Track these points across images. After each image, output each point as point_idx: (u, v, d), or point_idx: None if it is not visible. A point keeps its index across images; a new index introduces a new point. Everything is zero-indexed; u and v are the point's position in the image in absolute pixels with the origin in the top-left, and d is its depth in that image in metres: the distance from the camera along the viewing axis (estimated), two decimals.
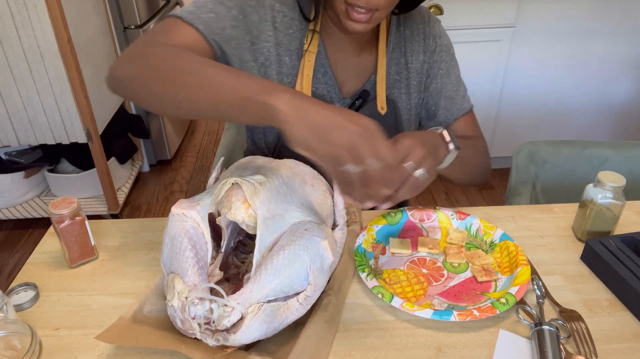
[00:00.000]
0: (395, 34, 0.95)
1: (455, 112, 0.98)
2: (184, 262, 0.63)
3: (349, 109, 0.62)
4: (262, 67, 0.89)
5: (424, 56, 0.96)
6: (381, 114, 0.94)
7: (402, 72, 0.96)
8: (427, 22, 0.96)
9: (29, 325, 0.61)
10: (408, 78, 0.97)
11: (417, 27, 0.95)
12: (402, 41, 0.95)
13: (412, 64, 0.96)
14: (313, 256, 0.63)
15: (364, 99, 0.94)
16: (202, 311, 0.59)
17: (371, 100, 0.94)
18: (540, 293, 0.73)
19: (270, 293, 0.61)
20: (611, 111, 2.43)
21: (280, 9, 0.87)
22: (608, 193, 0.82)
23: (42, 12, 1.69)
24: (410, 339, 0.68)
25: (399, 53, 0.95)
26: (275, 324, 0.61)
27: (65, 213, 0.76)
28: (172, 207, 0.69)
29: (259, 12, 0.85)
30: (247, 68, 0.87)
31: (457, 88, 0.99)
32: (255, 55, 0.87)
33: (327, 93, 0.93)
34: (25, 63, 1.78)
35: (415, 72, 0.96)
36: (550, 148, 1.26)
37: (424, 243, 0.85)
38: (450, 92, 0.98)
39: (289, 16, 0.88)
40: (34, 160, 2.16)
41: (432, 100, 0.98)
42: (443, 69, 0.97)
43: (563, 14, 2.15)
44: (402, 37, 0.95)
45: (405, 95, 0.97)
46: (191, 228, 0.67)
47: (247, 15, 0.84)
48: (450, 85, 0.98)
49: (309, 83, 0.90)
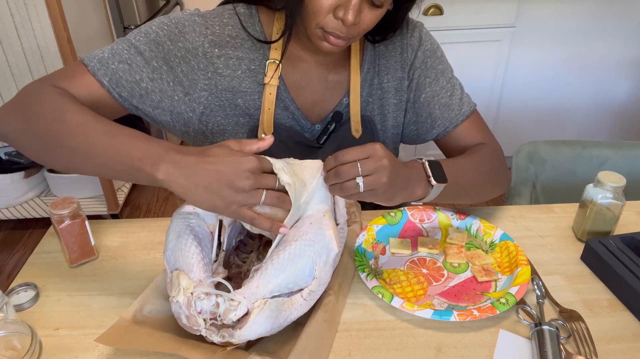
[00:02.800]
0: (371, 51, 0.89)
1: (454, 118, 0.91)
2: (189, 258, 0.63)
3: (213, 149, 0.61)
4: (203, 116, 0.83)
5: (402, 72, 0.90)
6: (355, 138, 0.89)
7: (376, 93, 0.90)
8: (404, 34, 0.89)
9: (29, 325, 0.61)
10: (382, 99, 0.90)
11: (393, 41, 0.89)
12: (375, 59, 0.89)
13: (387, 83, 0.90)
14: (319, 250, 0.64)
15: (337, 122, 0.88)
16: (209, 305, 0.59)
17: (344, 122, 0.89)
18: (540, 293, 0.73)
19: (276, 288, 0.61)
20: (611, 111, 2.43)
21: (220, 54, 0.80)
22: (608, 193, 0.82)
23: (42, 12, 1.69)
24: (410, 339, 0.68)
25: (373, 72, 0.89)
26: (280, 320, 0.62)
27: (65, 213, 0.76)
28: (185, 204, 0.69)
29: (190, 62, 0.79)
30: (184, 119, 0.83)
31: (452, 92, 0.91)
32: (192, 106, 0.81)
33: (294, 125, 0.88)
34: (25, 63, 1.78)
35: (393, 90, 0.90)
36: (550, 148, 1.26)
37: (424, 243, 0.85)
38: (444, 99, 0.90)
39: (234, 57, 0.81)
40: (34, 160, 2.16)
41: (425, 112, 0.91)
42: (431, 76, 0.90)
43: (563, 14, 2.15)
44: (376, 54, 0.89)
45: (379, 117, 0.91)
46: (196, 226, 0.67)
47: (174, 67, 0.78)
48: (442, 91, 0.90)
49: (270, 119, 0.85)
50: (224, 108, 0.84)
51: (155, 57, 0.77)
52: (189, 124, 0.84)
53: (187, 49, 0.78)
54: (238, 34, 0.82)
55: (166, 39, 0.78)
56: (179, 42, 0.78)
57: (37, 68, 1.79)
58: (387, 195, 0.67)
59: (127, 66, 0.75)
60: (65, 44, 1.75)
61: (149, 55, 0.77)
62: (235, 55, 0.82)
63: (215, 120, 0.84)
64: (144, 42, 0.77)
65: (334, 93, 0.89)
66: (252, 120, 0.85)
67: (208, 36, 0.80)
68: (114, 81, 0.75)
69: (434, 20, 2.09)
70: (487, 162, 0.88)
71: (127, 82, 0.76)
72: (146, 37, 0.77)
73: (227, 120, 0.85)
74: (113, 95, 0.76)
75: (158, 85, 0.78)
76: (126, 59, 0.76)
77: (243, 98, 0.84)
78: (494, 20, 2.14)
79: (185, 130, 0.85)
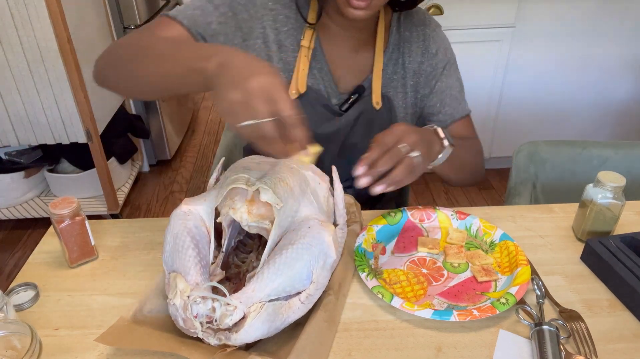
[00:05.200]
0: (395, 35, 0.97)
1: (460, 111, 1.01)
2: (186, 261, 0.63)
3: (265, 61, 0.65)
4: None
5: (422, 57, 0.98)
6: (376, 109, 0.96)
7: (399, 72, 0.98)
8: (427, 25, 0.98)
9: (29, 325, 0.61)
10: (404, 78, 0.99)
11: (417, 29, 0.97)
12: (400, 42, 0.97)
13: (409, 65, 0.98)
14: (317, 255, 0.64)
15: (360, 94, 0.96)
16: (205, 309, 0.59)
17: (367, 95, 0.96)
18: (540, 293, 0.73)
19: (273, 292, 0.61)
20: (611, 111, 2.43)
21: (273, 7, 0.90)
22: (608, 193, 0.82)
23: (42, 12, 1.69)
24: (410, 339, 0.68)
25: (398, 53, 0.97)
26: (277, 323, 0.61)
27: (65, 213, 0.76)
28: (182, 204, 0.69)
29: (249, 11, 0.89)
30: None
31: (460, 89, 1.02)
32: (247, 51, 0.89)
33: (324, 88, 0.95)
34: (25, 63, 1.78)
35: (412, 72, 0.99)
36: (550, 148, 1.26)
37: (424, 243, 0.85)
38: (455, 92, 1.01)
39: (283, 14, 0.91)
40: (34, 160, 2.16)
41: (437, 97, 1.00)
42: (448, 70, 0.99)
43: (563, 14, 2.15)
44: (401, 38, 0.97)
45: (401, 94, 0.99)
46: (194, 227, 0.67)
47: (237, 13, 0.88)
48: (454, 87, 1.01)
49: (304, 78, 0.92)
50: (271, 59, 0.92)
51: (222, 4, 0.87)
52: None
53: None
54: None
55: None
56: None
57: (37, 69, 1.79)
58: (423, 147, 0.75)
59: (200, 11, 0.86)
60: (65, 44, 1.75)
61: (218, 2, 0.87)
62: (284, 13, 0.91)
63: None
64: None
65: (361, 68, 0.97)
66: (289, 77, 0.93)
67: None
68: (192, 21, 0.85)
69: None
70: (476, 151, 1.02)
71: (201, 23, 0.86)
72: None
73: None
74: (192, 34, 0.85)
75: (223, 29, 0.87)
76: (199, 6, 0.86)
77: (286, 53, 0.93)
78: (494, 20, 2.14)
79: None
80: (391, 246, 0.86)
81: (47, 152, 2.19)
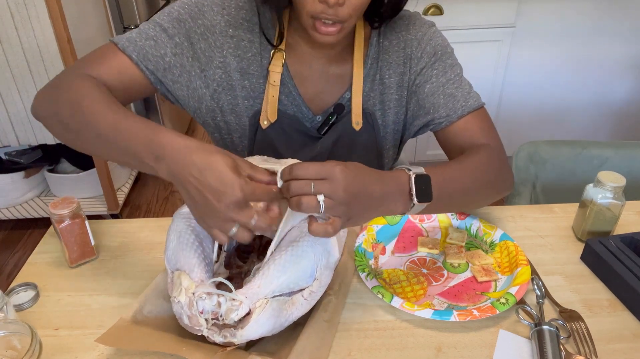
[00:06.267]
0: (375, 46, 0.89)
1: (459, 108, 0.86)
2: (190, 258, 0.64)
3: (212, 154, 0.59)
4: (215, 93, 0.87)
5: (404, 67, 0.89)
6: (356, 130, 0.90)
7: (377, 88, 0.91)
8: (408, 29, 0.89)
9: (29, 325, 0.61)
10: (383, 94, 0.91)
11: (397, 35, 0.89)
12: (380, 54, 0.89)
13: (388, 78, 0.90)
14: (320, 253, 0.64)
15: (338, 114, 0.90)
16: (210, 305, 0.59)
17: (345, 114, 0.90)
18: (540, 293, 0.73)
19: (277, 288, 0.61)
20: (611, 111, 2.43)
21: (234, 34, 0.84)
22: (608, 193, 0.82)
23: (42, 12, 1.69)
24: (410, 339, 0.68)
25: (376, 68, 0.90)
26: (281, 319, 0.62)
27: (65, 213, 0.76)
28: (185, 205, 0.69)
29: (208, 39, 0.83)
30: (198, 95, 0.86)
31: (459, 85, 0.88)
32: (207, 82, 0.86)
33: (295, 113, 0.90)
34: (25, 63, 1.78)
35: (395, 86, 0.90)
36: (550, 148, 1.26)
37: (424, 243, 0.85)
38: (451, 89, 0.87)
39: (245, 39, 0.85)
40: (34, 160, 2.16)
41: (429, 101, 0.88)
42: (438, 69, 0.88)
43: (563, 14, 2.15)
44: (380, 49, 0.89)
45: (380, 112, 0.92)
46: (197, 226, 0.67)
47: (194, 43, 0.83)
48: (449, 82, 0.88)
49: (274, 104, 0.87)
50: (234, 88, 0.87)
51: (177, 34, 0.82)
52: (202, 100, 0.88)
53: (205, 26, 0.83)
54: (251, 18, 0.86)
55: (187, 17, 0.82)
56: (199, 20, 0.83)
57: (37, 69, 1.79)
58: (353, 221, 0.63)
59: (153, 42, 0.81)
60: (65, 44, 1.75)
61: (172, 32, 0.82)
62: (247, 38, 0.86)
63: (226, 98, 0.88)
64: (167, 20, 0.82)
65: (336, 85, 0.90)
66: (256, 104, 0.88)
67: (224, 16, 0.84)
68: (141, 55, 0.80)
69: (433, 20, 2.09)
70: (485, 166, 0.80)
71: (153, 56, 0.80)
72: (169, 16, 0.82)
73: (236, 101, 0.88)
74: (141, 69, 0.80)
75: (179, 60, 0.82)
76: (152, 36, 0.81)
77: (250, 80, 0.87)
78: (494, 20, 2.14)
79: (198, 107, 0.88)
80: (391, 246, 0.86)
81: (47, 152, 2.18)
